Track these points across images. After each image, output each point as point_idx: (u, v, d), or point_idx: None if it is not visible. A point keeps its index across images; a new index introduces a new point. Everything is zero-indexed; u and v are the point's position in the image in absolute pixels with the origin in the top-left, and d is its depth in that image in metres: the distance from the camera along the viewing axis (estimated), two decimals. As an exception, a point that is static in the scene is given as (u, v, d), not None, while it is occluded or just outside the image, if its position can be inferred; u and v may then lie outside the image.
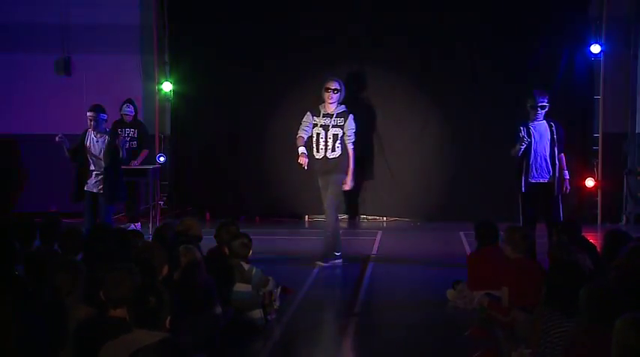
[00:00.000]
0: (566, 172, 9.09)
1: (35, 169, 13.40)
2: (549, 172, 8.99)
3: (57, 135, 10.20)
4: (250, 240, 7.28)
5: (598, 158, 12.95)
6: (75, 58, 13.49)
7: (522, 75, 12.74)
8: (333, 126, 9.50)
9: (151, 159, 12.62)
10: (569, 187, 9.15)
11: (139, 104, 12.79)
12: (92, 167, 10.07)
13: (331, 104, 9.57)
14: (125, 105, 12.25)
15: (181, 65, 13.46)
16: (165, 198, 13.53)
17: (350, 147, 9.56)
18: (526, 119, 9.10)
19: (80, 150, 10.12)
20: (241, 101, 13.33)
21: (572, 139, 12.89)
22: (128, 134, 12.15)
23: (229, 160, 13.45)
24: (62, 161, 13.23)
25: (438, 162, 13.17)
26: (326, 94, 9.56)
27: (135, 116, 12.36)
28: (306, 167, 9.62)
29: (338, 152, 9.52)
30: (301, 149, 9.59)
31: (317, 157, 9.62)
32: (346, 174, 9.56)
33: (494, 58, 12.87)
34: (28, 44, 13.44)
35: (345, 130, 9.52)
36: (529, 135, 8.95)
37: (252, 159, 13.38)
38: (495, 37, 12.88)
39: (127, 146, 10.96)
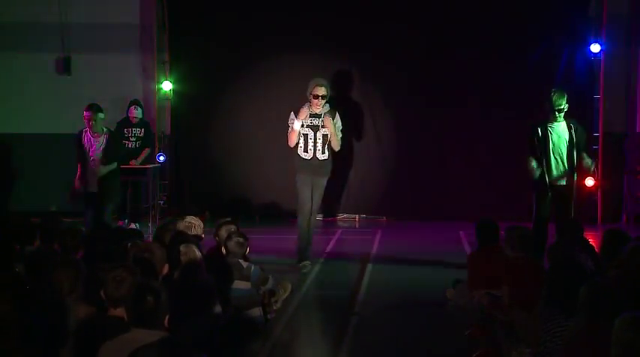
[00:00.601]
0: (576, 173, 9.01)
1: (35, 168, 13.43)
2: (566, 174, 8.97)
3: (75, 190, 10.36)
4: (246, 239, 7.27)
5: (598, 158, 12.95)
6: (75, 57, 13.48)
7: (522, 74, 12.75)
8: (323, 126, 9.39)
9: (151, 158, 12.61)
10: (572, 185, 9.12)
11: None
12: (90, 167, 10.08)
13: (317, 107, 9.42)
14: (133, 106, 12.22)
15: (181, 64, 13.46)
16: (165, 197, 13.53)
17: (337, 145, 9.41)
18: (544, 118, 9.05)
19: (79, 151, 10.13)
20: (241, 100, 13.34)
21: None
22: (135, 134, 12.15)
23: (229, 159, 13.45)
24: (61, 161, 13.30)
25: (437, 161, 13.17)
26: (314, 101, 9.36)
27: (142, 117, 12.35)
28: (301, 117, 9.32)
29: (327, 153, 9.43)
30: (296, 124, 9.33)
31: (305, 157, 9.44)
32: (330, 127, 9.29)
33: (494, 56, 12.87)
34: (28, 43, 13.43)
35: (334, 127, 9.36)
36: (545, 136, 8.89)
37: (251, 158, 13.37)
38: (495, 36, 12.88)
39: None
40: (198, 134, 13.55)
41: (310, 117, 9.40)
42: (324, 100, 9.38)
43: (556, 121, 8.93)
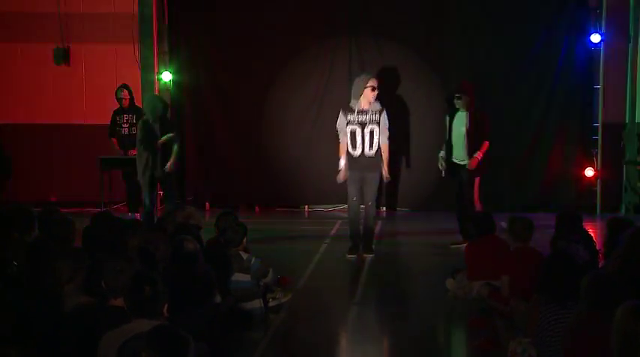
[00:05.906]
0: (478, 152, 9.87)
1: (34, 158, 13.42)
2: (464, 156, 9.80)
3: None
4: (242, 228, 7.27)
5: (597, 148, 12.95)
6: (74, 47, 13.46)
7: (522, 65, 12.73)
8: (370, 122, 9.43)
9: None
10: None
11: (138, 94, 12.73)
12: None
13: (369, 102, 9.48)
14: (119, 90, 12.18)
15: (181, 55, 13.41)
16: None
17: (385, 142, 9.49)
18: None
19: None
20: (241, 91, 13.29)
21: (571, 129, 12.96)
22: (127, 120, 12.11)
23: (229, 149, 13.41)
24: (60, 151, 13.28)
25: (435, 151, 13.12)
26: (369, 93, 9.43)
27: (132, 101, 12.28)
28: (342, 180, 9.58)
29: (375, 149, 9.45)
30: (341, 163, 9.53)
31: (354, 154, 9.46)
32: (383, 169, 9.54)
33: (494, 48, 12.84)
34: (26, 33, 13.40)
35: (380, 126, 9.44)
36: (450, 122, 10.01)
37: (251, 149, 13.34)
38: (495, 27, 12.85)
39: None
40: (197, 124, 13.51)
41: (358, 114, 9.45)
42: (374, 92, 9.44)
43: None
